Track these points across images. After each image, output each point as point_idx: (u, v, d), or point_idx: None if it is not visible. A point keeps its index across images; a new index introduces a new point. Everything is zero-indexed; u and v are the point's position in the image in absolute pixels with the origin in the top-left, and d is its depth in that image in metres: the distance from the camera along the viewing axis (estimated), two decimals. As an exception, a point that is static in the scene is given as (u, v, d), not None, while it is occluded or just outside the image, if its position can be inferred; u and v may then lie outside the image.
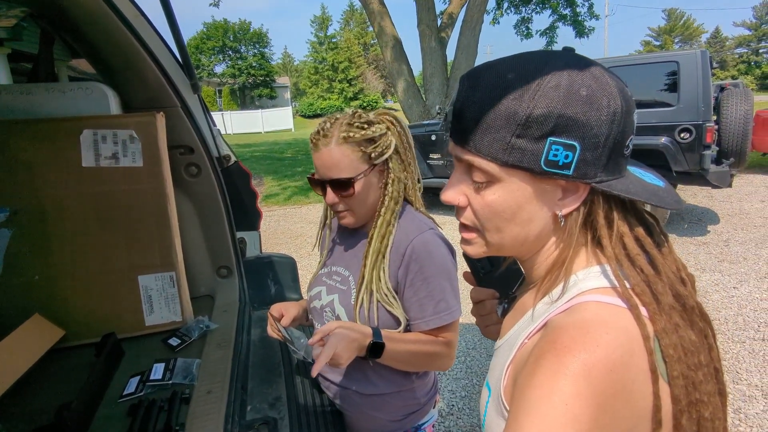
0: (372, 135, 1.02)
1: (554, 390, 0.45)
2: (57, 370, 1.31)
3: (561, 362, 0.46)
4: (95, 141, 1.40)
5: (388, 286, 1.03)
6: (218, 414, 1.10)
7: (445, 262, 1.05)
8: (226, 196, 1.74)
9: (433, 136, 6.34)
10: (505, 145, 0.51)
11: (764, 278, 3.91)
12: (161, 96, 1.52)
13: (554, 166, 0.51)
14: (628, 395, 0.45)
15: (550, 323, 0.53)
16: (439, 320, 1.03)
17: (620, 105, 0.50)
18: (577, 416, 0.43)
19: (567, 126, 0.49)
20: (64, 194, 1.40)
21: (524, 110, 0.50)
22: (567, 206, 0.54)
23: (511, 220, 0.55)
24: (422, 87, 10.77)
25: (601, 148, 0.50)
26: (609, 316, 0.49)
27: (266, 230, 6.28)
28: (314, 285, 1.21)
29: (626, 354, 0.46)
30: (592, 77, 0.50)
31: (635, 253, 0.52)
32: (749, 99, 5.06)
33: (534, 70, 0.51)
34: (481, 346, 3.15)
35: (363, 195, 1.05)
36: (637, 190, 0.52)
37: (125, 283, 1.47)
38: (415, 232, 1.05)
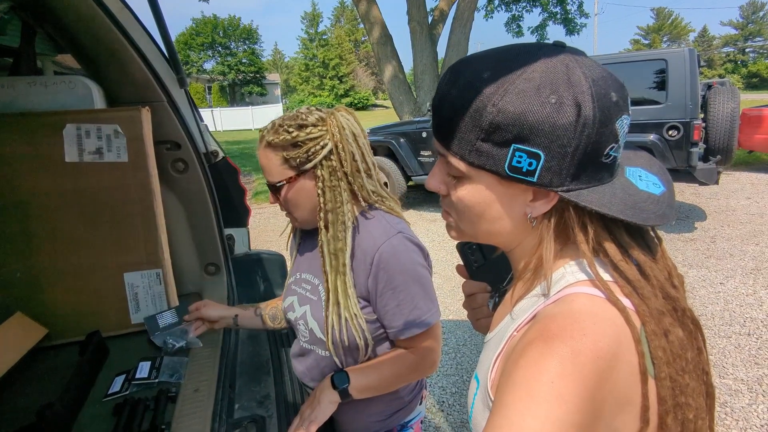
0: (295, 140, 0.96)
1: (540, 369, 0.45)
2: (40, 370, 1.29)
3: (548, 346, 0.46)
4: (78, 136, 1.37)
5: (354, 301, 0.99)
6: (205, 412, 1.09)
7: (415, 267, 1.00)
8: (214, 193, 1.72)
9: (424, 133, 6.34)
10: (471, 147, 0.52)
11: (750, 274, 3.97)
12: (147, 90, 1.49)
13: (518, 172, 0.50)
14: (613, 385, 0.45)
15: (539, 314, 0.53)
16: (413, 330, 0.99)
17: (592, 115, 0.48)
18: (562, 395, 0.43)
19: (531, 134, 0.48)
20: (46, 190, 1.37)
21: (488, 115, 0.49)
22: (537, 209, 0.54)
23: (480, 216, 0.56)
24: (413, 84, 10.76)
25: (569, 158, 0.49)
26: (597, 308, 0.49)
27: (256, 228, 6.25)
28: (286, 294, 1.17)
29: (613, 344, 0.46)
30: (566, 83, 0.48)
31: (618, 259, 0.51)
32: (736, 97, 5.12)
33: (507, 72, 0.50)
34: (471, 342, 3.16)
35: (293, 201, 1.02)
36: (611, 203, 0.51)
37: (110, 281, 1.44)
38: (382, 237, 0.99)
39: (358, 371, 1.02)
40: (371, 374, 1.02)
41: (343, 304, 0.99)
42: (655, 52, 5.19)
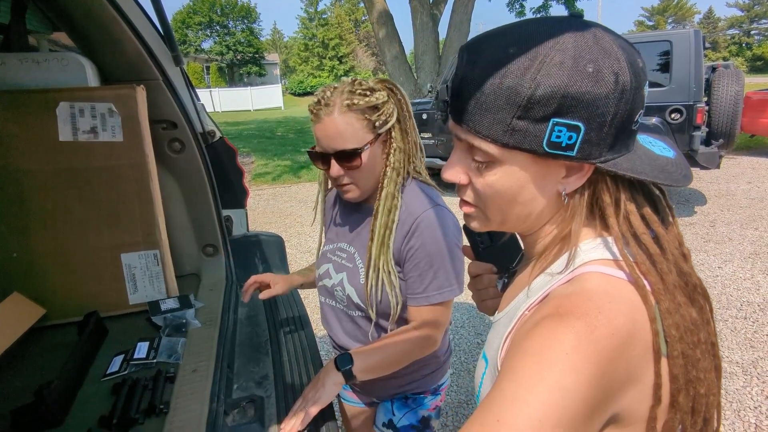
0: (375, 102, 0.98)
1: (555, 340, 0.44)
2: (38, 349, 1.29)
3: (563, 321, 0.46)
4: (72, 114, 1.35)
5: (391, 264, 1.02)
6: (204, 392, 1.09)
7: (449, 240, 1.03)
8: (211, 173, 1.70)
9: (424, 115, 6.28)
10: (506, 127, 0.49)
11: (748, 258, 3.98)
12: (141, 68, 1.46)
13: (557, 147, 0.49)
14: (625, 363, 0.45)
15: (552, 293, 0.52)
16: (440, 296, 1.02)
17: (629, 80, 0.47)
18: (577, 368, 0.43)
19: (571, 106, 0.47)
20: (41, 169, 1.35)
21: (526, 90, 0.47)
22: (571, 185, 0.52)
23: (513, 200, 0.54)
24: (413, 65, 10.62)
25: (607, 127, 0.48)
26: (612, 288, 0.48)
27: (255, 209, 6.23)
28: (321, 262, 1.20)
29: (629, 322, 0.46)
30: (600, 50, 0.47)
31: (641, 231, 0.51)
32: (740, 80, 5.06)
33: (537, 44, 0.47)
34: (469, 324, 3.18)
35: (369, 166, 1.01)
36: (644, 168, 0.50)
37: (107, 261, 1.44)
38: (420, 208, 1.02)
39: (362, 352, 1.02)
40: (375, 354, 1.03)
41: (383, 267, 1.01)
42: (660, 34, 5.10)
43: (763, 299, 3.31)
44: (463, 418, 2.30)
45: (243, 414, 1.11)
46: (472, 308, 3.41)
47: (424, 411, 1.18)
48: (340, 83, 1.00)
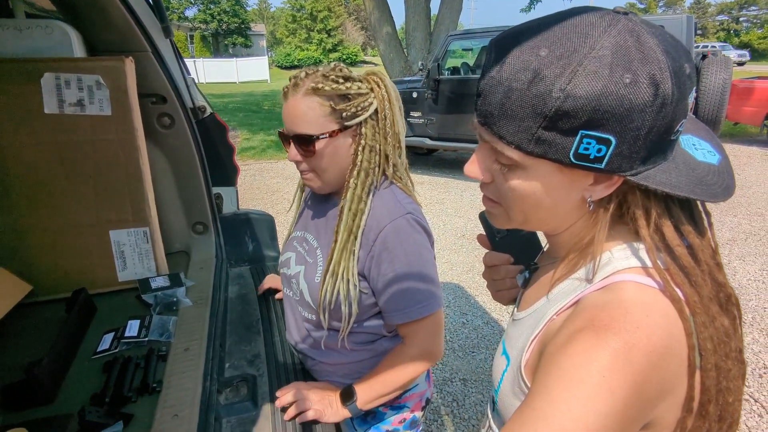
0: (345, 91, 0.91)
1: (591, 360, 0.43)
2: (25, 326, 1.27)
3: (600, 337, 0.44)
4: (58, 85, 1.30)
5: (353, 272, 0.95)
6: (196, 371, 1.09)
7: (420, 251, 0.96)
8: (202, 150, 1.67)
9: (415, 93, 6.21)
10: (531, 136, 0.47)
11: (726, 244, 4.09)
12: (129, 39, 1.41)
13: (585, 159, 0.46)
14: (662, 378, 0.45)
15: (584, 300, 0.51)
16: (423, 309, 0.95)
17: (671, 92, 0.43)
18: (612, 389, 0.42)
19: (603, 119, 0.44)
20: (25, 142, 1.31)
21: (554, 101, 0.44)
22: (597, 193, 0.50)
23: (536, 205, 0.53)
24: (404, 41, 10.44)
25: (642, 141, 0.45)
26: (648, 299, 0.47)
27: (241, 185, 6.14)
28: (286, 249, 1.15)
29: (665, 337, 0.45)
30: (641, 57, 0.43)
31: (675, 243, 0.48)
32: (728, 68, 5.12)
33: (572, 49, 0.44)
34: (455, 305, 3.23)
35: (328, 158, 0.95)
36: (680, 181, 0.47)
37: (96, 238, 1.41)
38: (390, 215, 0.94)
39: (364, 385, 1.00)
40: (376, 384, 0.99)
41: (342, 274, 0.95)
42: (652, 18, 5.12)
43: (739, 284, 3.43)
44: (448, 396, 2.36)
45: (236, 392, 1.12)
46: (458, 288, 3.46)
47: (387, 426, 1.11)
48: (322, 66, 0.95)
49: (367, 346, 1.05)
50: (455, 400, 2.34)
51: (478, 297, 3.32)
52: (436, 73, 5.89)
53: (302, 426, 0.99)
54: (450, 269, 3.77)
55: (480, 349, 2.73)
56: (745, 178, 6.00)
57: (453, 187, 6.00)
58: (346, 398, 1.00)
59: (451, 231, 4.53)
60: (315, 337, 1.06)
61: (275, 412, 1.02)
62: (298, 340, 1.13)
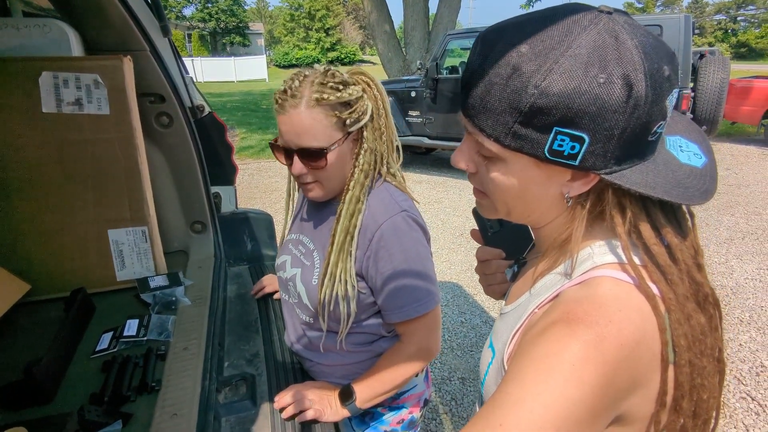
0: (348, 98, 0.89)
1: (563, 349, 0.44)
2: (24, 325, 1.27)
3: (572, 329, 0.45)
4: (56, 84, 1.30)
5: (350, 273, 0.95)
6: (195, 370, 1.09)
7: (417, 249, 0.96)
8: (200, 149, 1.67)
9: (413, 92, 6.21)
10: (508, 131, 0.48)
11: (723, 243, 4.10)
12: (128, 38, 1.41)
13: (559, 155, 0.47)
14: (633, 371, 0.45)
15: (563, 294, 0.52)
16: (409, 313, 0.95)
17: (644, 94, 0.44)
18: (582, 379, 0.43)
19: (576, 117, 0.45)
20: (23, 141, 1.31)
21: (529, 97, 0.45)
22: (575, 189, 0.51)
23: (516, 197, 0.54)
24: (402, 40, 10.44)
25: (615, 140, 0.46)
26: (623, 294, 0.48)
27: (240, 184, 6.15)
28: (281, 252, 1.14)
29: (638, 332, 0.46)
30: (617, 58, 0.44)
31: (652, 242, 0.49)
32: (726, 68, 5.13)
33: (550, 46, 0.45)
34: (453, 303, 3.23)
35: (335, 167, 0.93)
36: (657, 182, 0.48)
37: (94, 237, 1.41)
38: (384, 215, 0.94)
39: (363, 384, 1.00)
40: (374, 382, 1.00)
41: (340, 275, 0.94)
42: (650, 17, 5.12)
43: (736, 283, 3.44)
44: (447, 394, 2.37)
45: (235, 392, 1.12)
46: (456, 287, 3.46)
47: (385, 426, 1.11)
48: (312, 71, 0.92)
49: (366, 347, 1.05)
50: (454, 399, 2.35)
51: (476, 296, 3.32)
52: (434, 72, 5.89)
53: (301, 425, 0.99)
54: (448, 268, 3.77)
55: (478, 348, 2.74)
56: (742, 178, 6.02)
57: (451, 186, 6.00)
58: (345, 398, 1.00)
59: (449, 230, 4.53)
60: (313, 339, 1.06)
61: (274, 412, 1.02)
62: (295, 341, 1.13)
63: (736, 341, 2.75)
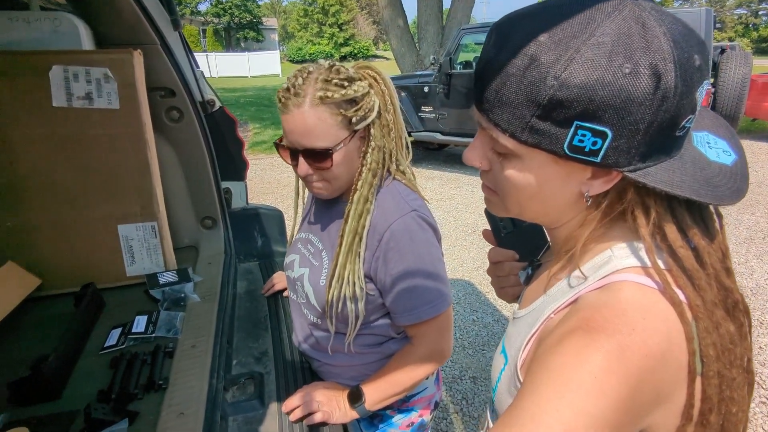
0: (354, 95, 0.85)
1: (583, 360, 0.41)
2: (34, 320, 1.27)
3: (592, 338, 0.42)
4: (66, 78, 1.29)
5: (359, 274, 0.92)
6: (203, 368, 1.08)
7: (428, 249, 0.93)
8: (211, 144, 1.65)
9: (426, 87, 6.16)
10: (525, 125, 0.45)
11: (743, 243, 4.00)
12: (138, 31, 1.39)
13: (579, 151, 0.44)
14: (658, 384, 0.43)
15: (582, 299, 0.49)
16: (420, 316, 0.92)
17: (673, 85, 0.41)
18: (604, 390, 0.40)
19: (598, 111, 0.42)
20: (34, 136, 1.30)
21: (548, 89, 0.42)
22: (595, 188, 0.48)
23: (531, 197, 0.51)
24: (416, 35, 10.36)
25: (640, 136, 0.43)
26: (647, 300, 0.45)
27: (252, 179, 6.17)
28: (290, 251, 1.12)
29: (664, 342, 0.43)
30: (644, 46, 0.41)
31: (678, 244, 0.46)
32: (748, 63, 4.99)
33: (571, 33, 0.42)
34: (465, 302, 3.20)
35: (341, 166, 0.90)
36: (684, 180, 0.45)
37: (104, 233, 1.41)
38: (395, 214, 0.91)
39: (372, 386, 0.98)
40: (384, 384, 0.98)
41: (348, 277, 0.92)
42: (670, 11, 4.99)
43: (756, 284, 3.35)
44: (458, 394, 2.34)
45: (243, 390, 1.10)
46: (468, 285, 3.43)
47: (394, 429, 1.09)
48: (316, 68, 0.88)
49: (375, 348, 1.03)
50: (465, 398, 2.32)
51: (488, 294, 3.28)
52: (448, 67, 5.82)
53: (309, 427, 0.97)
54: (460, 266, 3.73)
55: (490, 347, 2.70)
56: (763, 175, 5.86)
57: (464, 182, 5.95)
58: (354, 399, 0.98)
59: (461, 227, 4.49)
60: (321, 340, 1.04)
61: (282, 412, 1.00)
62: (303, 341, 1.11)
63: (756, 344, 2.67)
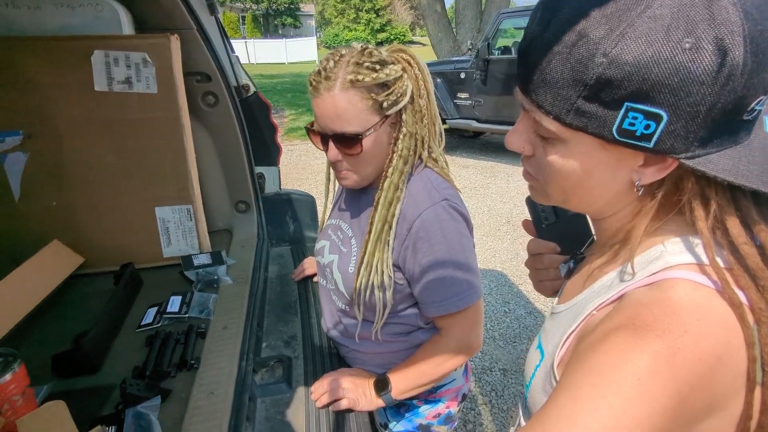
0: (385, 79, 0.83)
1: (626, 360, 0.38)
2: (76, 296, 1.33)
3: (639, 337, 0.39)
4: (107, 63, 1.32)
5: (387, 263, 0.90)
6: (233, 350, 1.10)
7: (459, 239, 0.90)
8: (245, 129, 1.67)
9: (462, 74, 6.03)
10: (570, 107, 0.42)
11: None
12: (175, 16, 1.41)
13: (630, 136, 0.40)
14: (711, 391, 0.39)
15: (628, 296, 0.45)
16: (460, 302, 0.90)
17: (741, 62, 0.36)
18: (650, 395, 0.37)
19: (653, 91, 0.38)
20: (77, 119, 1.35)
21: (596, 68, 0.39)
22: (647, 177, 0.44)
23: (576, 184, 0.47)
24: (453, 20, 10.14)
25: (700, 119, 0.38)
26: (703, 300, 0.41)
27: (287, 165, 6.25)
28: (321, 237, 1.11)
29: (720, 346, 0.39)
30: (708, 18, 0.36)
31: (741, 240, 0.41)
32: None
33: (624, 6, 0.38)
34: (497, 292, 3.15)
35: (371, 153, 0.88)
36: (749, 170, 0.40)
37: (142, 214, 1.45)
38: (426, 203, 0.88)
39: (399, 374, 0.97)
40: (411, 374, 0.97)
41: (377, 265, 0.90)
42: None
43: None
44: (487, 385, 2.31)
45: (271, 373, 1.12)
46: (501, 275, 3.36)
47: (420, 419, 1.08)
48: (348, 51, 0.86)
49: (402, 337, 1.01)
50: (494, 390, 2.29)
51: (521, 286, 3.22)
52: (485, 52, 5.67)
53: (335, 413, 0.98)
54: (493, 256, 3.67)
55: (522, 340, 2.65)
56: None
57: (499, 171, 5.82)
58: (381, 387, 0.98)
59: (495, 217, 4.41)
60: (349, 327, 1.04)
61: (309, 396, 1.01)
62: (332, 327, 1.11)
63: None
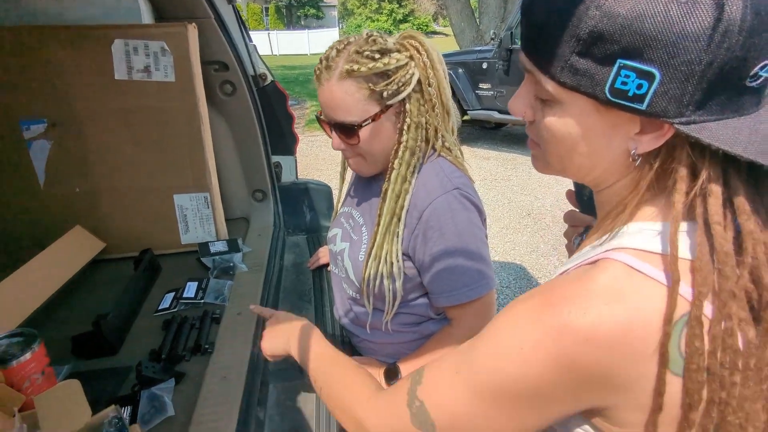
0: (384, 68, 0.81)
1: (518, 327, 0.44)
2: (97, 280, 1.36)
3: (542, 311, 0.43)
4: (127, 52, 1.34)
5: (396, 254, 0.89)
6: (247, 336, 1.11)
7: (471, 229, 0.88)
8: (262, 118, 1.68)
9: (485, 64, 5.93)
10: (563, 63, 0.41)
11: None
12: (192, 5, 1.42)
13: (622, 96, 0.39)
14: (604, 368, 0.40)
15: (570, 271, 0.47)
16: (471, 293, 0.88)
17: (740, 17, 0.34)
18: (528, 361, 0.42)
19: (645, 46, 0.36)
20: (98, 108, 1.38)
21: (589, 20, 0.38)
22: (644, 145, 0.42)
23: (572, 149, 0.46)
24: (477, 9, 9.98)
25: (695, 79, 0.36)
26: (627, 288, 0.40)
27: (308, 155, 6.28)
28: (334, 224, 1.12)
29: (619, 331, 0.39)
30: None
31: (716, 219, 0.39)
32: None
33: None
34: (516, 286, 3.11)
35: (372, 142, 0.88)
36: (750, 140, 0.37)
37: (161, 201, 1.47)
38: (437, 191, 0.87)
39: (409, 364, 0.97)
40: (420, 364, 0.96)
41: (385, 257, 0.90)
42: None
43: None
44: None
45: (284, 360, 1.13)
46: (520, 269, 3.33)
47: None
48: (356, 38, 0.85)
49: (413, 327, 1.01)
50: (510, 384, 2.27)
51: (541, 279, 3.17)
52: (509, 42, 5.56)
53: None
54: (512, 249, 3.62)
55: (540, 334, 2.62)
56: None
57: (521, 163, 5.73)
58: (391, 377, 0.97)
59: (515, 209, 4.35)
60: (360, 315, 1.04)
61: None
62: (343, 315, 1.11)
63: None
